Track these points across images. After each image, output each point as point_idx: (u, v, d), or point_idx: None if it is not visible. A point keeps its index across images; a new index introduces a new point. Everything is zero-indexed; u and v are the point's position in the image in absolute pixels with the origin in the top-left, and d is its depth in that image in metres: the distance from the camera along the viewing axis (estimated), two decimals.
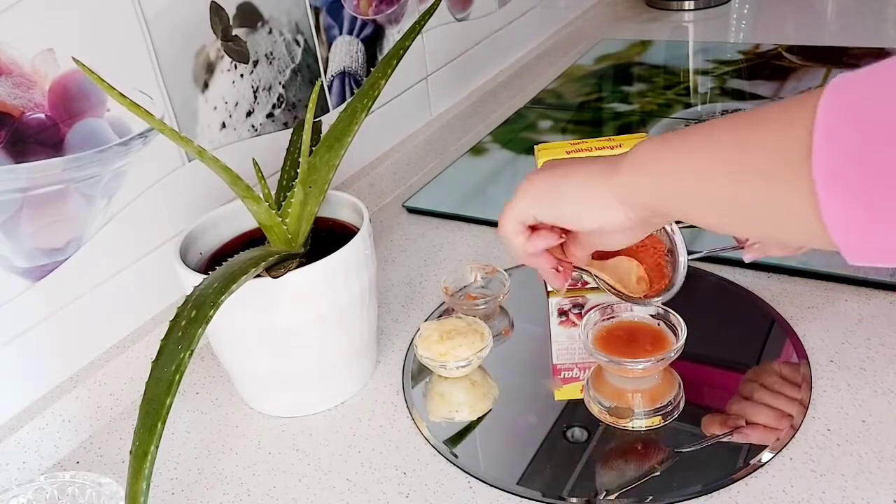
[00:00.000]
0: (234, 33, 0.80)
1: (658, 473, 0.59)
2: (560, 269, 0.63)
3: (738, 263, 0.80)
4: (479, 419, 0.67)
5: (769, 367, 0.68)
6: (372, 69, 1.01)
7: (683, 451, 0.61)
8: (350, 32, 0.96)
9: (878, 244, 0.38)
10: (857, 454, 0.58)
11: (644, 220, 0.51)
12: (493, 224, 0.93)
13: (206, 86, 0.78)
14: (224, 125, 0.81)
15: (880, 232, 0.37)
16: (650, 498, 0.57)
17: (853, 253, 0.39)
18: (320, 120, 0.86)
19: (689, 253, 0.64)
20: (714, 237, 0.74)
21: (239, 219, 0.72)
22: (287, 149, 0.74)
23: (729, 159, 0.43)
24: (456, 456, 0.63)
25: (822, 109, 0.37)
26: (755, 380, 0.66)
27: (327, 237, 0.70)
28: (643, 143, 0.50)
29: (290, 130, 0.80)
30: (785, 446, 0.59)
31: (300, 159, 0.63)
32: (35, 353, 0.67)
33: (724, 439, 0.61)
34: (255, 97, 0.84)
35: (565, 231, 0.59)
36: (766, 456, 0.59)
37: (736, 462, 0.59)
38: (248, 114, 0.84)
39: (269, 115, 0.87)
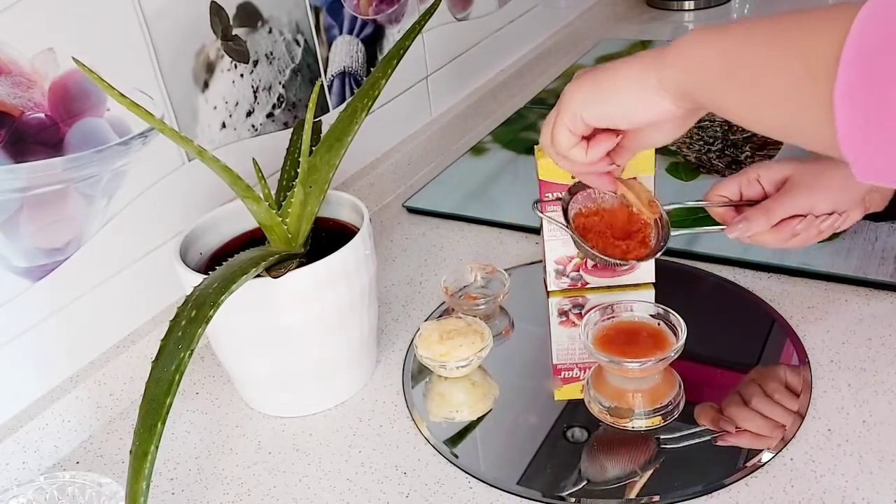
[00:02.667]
0: (234, 33, 0.80)
1: (658, 473, 0.59)
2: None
3: (739, 263, 0.80)
4: (480, 419, 0.67)
5: (773, 371, 0.67)
6: (372, 69, 1.01)
7: (683, 451, 0.61)
8: (350, 32, 0.96)
9: (886, 154, 0.39)
10: (858, 454, 0.58)
11: (690, 109, 0.52)
12: (494, 224, 0.94)
13: (206, 85, 0.78)
14: (224, 125, 0.81)
15: (887, 140, 0.38)
16: (650, 498, 0.57)
17: (859, 164, 0.41)
18: (320, 120, 0.86)
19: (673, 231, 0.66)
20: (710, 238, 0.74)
21: (239, 219, 0.72)
22: (287, 149, 0.74)
23: (762, 51, 0.45)
24: (456, 456, 0.63)
25: (858, 21, 0.39)
26: (758, 381, 0.66)
27: (327, 237, 0.70)
28: (688, 34, 0.50)
29: (290, 130, 0.80)
30: (785, 446, 0.59)
31: (300, 159, 0.63)
32: (35, 353, 0.67)
33: (717, 442, 0.61)
34: (256, 97, 0.84)
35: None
36: (766, 456, 0.59)
37: (736, 462, 0.59)
38: (249, 113, 0.84)
39: (270, 115, 0.86)
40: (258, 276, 0.60)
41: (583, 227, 0.70)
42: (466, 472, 0.62)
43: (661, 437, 0.62)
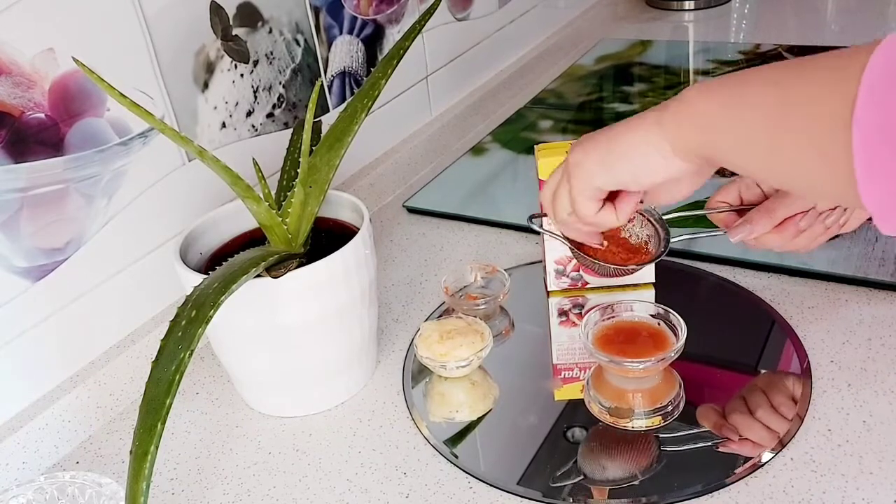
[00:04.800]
0: (234, 33, 0.80)
1: (658, 473, 0.59)
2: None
3: (739, 263, 0.80)
4: (480, 419, 0.67)
5: (779, 379, 0.67)
6: (372, 69, 1.01)
7: (683, 451, 0.61)
8: (350, 32, 0.96)
9: None
10: (858, 454, 0.58)
11: (700, 165, 0.51)
12: (494, 224, 0.94)
13: (206, 85, 0.78)
14: (224, 125, 0.81)
15: None
16: (650, 498, 0.57)
17: (884, 221, 0.39)
18: (320, 120, 0.86)
19: (674, 234, 0.66)
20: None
21: (239, 219, 0.72)
22: (287, 149, 0.74)
23: (772, 110, 0.43)
24: (456, 456, 0.63)
25: (870, 68, 0.37)
26: (763, 389, 0.66)
27: (327, 237, 0.70)
28: (689, 91, 0.49)
29: (291, 130, 0.80)
30: (785, 446, 0.59)
31: (300, 159, 0.63)
32: (35, 353, 0.67)
33: (718, 449, 0.61)
34: (256, 97, 0.84)
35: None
36: (766, 456, 0.59)
37: (736, 462, 0.59)
38: (249, 114, 0.84)
39: (270, 115, 0.86)
40: (258, 276, 0.60)
41: None
42: (466, 473, 0.62)
43: (661, 437, 0.62)
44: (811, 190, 0.45)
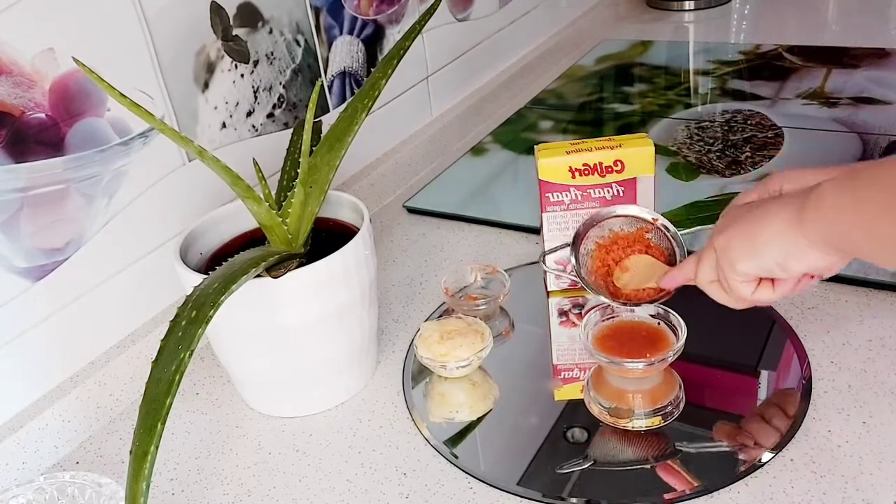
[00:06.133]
0: (234, 33, 0.80)
1: (658, 473, 0.59)
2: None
3: None
4: (480, 419, 0.67)
5: (778, 379, 0.67)
6: (372, 69, 1.01)
7: (683, 451, 0.61)
8: (350, 32, 0.96)
9: None
10: (858, 455, 0.58)
11: (840, 256, 0.53)
12: (494, 224, 0.94)
13: (206, 86, 0.78)
14: (224, 125, 0.81)
15: None
16: (650, 498, 0.57)
17: None
18: (320, 120, 0.86)
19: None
20: None
21: (239, 219, 0.72)
22: (287, 149, 0.74)
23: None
24: (456, 456, 0.63)
25: None
26: (762, 390, 0.66)
27: (327, 237, 0.70)
28: (824, 187, 0.51)
29: (291, 130, 0.80)
30: (785, 446, 0.59)
31: (300, 159, 0.63)
32: (35, 353, 0.67)
33: (717, 448, 0.61)
34: (256, 97, 0.84)
35: None
36: (766, 456, 0.59)
37: (736, 462, 0.59)
38: (249, 114, 0.84)
39: (270, 115, 0.87)
40: (258, 276, 0.60)
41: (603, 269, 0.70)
42: (466, 473, 0.62)
43: (661, 437, 0.62)
44: None
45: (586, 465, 0.59)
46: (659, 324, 0.67)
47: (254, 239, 0.71)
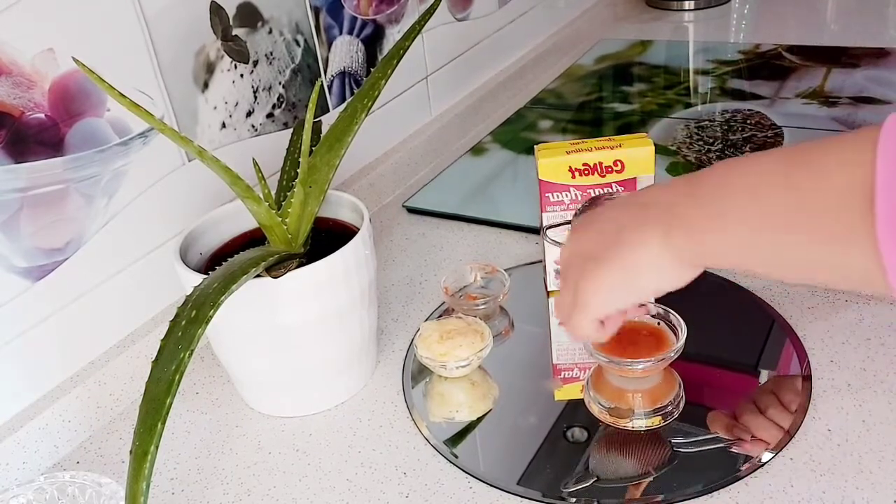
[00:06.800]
0: (234, 33, 0.80)
1: (658, 473, 0.59)
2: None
3: None
4: (479, 419, 0.67)
5: (777, 379, 0.67)
6: (372, 69, 1.01)
7: (683, 451, 0.61)
8: (350, 32, 0.96)
9: None
10: (858, 454, 0.58)
11: (702, 268, 0.50)
12: (494, 224, 0.94)
13: (206, 86, 0.78)
14: (224, 125, 0.81)
15: None
16: (650, 497, 0.57)
17: None
18: (320, 120, 0.86)
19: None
20: None
21: (239, 219, 0.72)
22: (287, 149, 0.74)
23: (779, 218, 0.42)
24: (456, 456, 0.63)
25: (881, 153, 0.36)
26: (762, 389, 0.66)
27: (327, 237, 0.70)
28: (684, 206, 0.47)
29: (290, 130, 0.80)
30: (785, 446, 0.59)
31: (300, 159, 0.63)
32: (35, 353, 0.67)
33: (725, 444, 0.61)
34: (255, 97, 0.84)
35: None
36: (766, 456, 0.59)
37: (736, 462, 0.59)
38: (249, 114, 0.84)
39: (270, 115, 0.87)
40: (258, 276, 0.60)
41: None
42: (466, 472, 0.62)
43: (661, 437, 0.62)
44: (829, 274, 0.43)
45: (590, 482, 0.59)
46: (659, 323, 0.67)
47: (254, 239, 0.71)
